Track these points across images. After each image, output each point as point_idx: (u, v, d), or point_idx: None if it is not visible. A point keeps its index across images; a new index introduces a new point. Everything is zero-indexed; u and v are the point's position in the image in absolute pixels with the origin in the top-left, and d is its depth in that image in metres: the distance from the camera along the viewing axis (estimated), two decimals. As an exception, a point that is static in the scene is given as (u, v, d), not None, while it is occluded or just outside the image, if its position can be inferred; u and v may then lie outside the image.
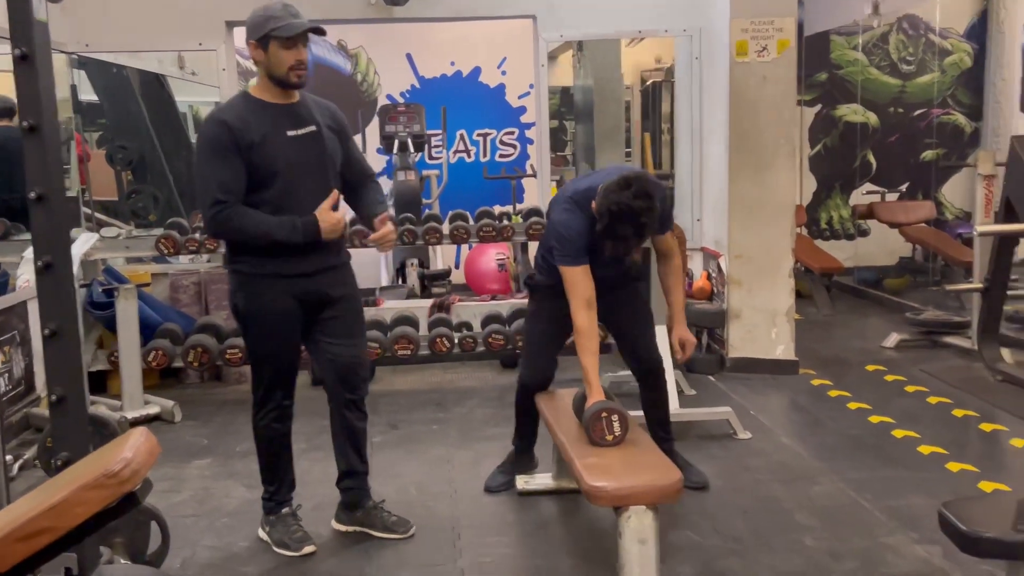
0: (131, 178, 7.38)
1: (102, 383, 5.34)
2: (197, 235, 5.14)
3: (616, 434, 3.02)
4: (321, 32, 3.11)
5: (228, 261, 3.24)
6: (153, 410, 4.90)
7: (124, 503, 1.84)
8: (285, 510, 3.39)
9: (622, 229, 3.10)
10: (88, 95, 7.42)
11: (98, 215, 6.60)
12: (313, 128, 3.13)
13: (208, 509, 3.72)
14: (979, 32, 8.47)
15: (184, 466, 4.22)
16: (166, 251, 5.17)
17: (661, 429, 3.77)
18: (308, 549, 3.28)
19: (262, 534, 3.40)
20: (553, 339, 3.65)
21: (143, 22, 5.59)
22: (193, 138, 8.68)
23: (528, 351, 3.77)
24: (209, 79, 6.50)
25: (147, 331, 5.17)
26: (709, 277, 5.71)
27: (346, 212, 3.22)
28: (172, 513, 3.48)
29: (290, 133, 3.09)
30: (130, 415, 4.74)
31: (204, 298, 5.69)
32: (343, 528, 3.45)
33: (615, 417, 3.03)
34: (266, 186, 3.06)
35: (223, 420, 4.90)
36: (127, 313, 4.91)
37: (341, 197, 3.22)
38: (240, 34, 6.09)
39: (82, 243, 5.11)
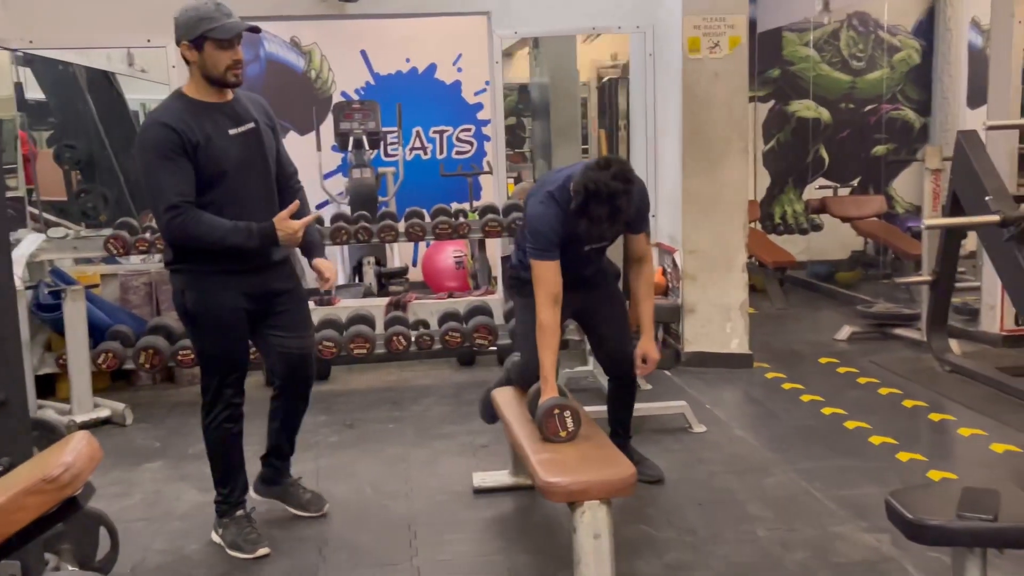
0: (80, 178, 7.24)
1: (51, 387, 5.23)
2: (147, 235, 5.06)
3: (569, 430, 3.02)
4: (256, 31, 3.14)
5: (172, 261, 3.19)
6: (103, 413, 4.82)
7: (65, 508, 1.81)
8: (239, 512, 3.35)
9: (596, 208, 3.06)
10: (36, 93, 7.27)
11: (46, 215, 6.47)
12: (252, 125, 3.15)
13: (159, 513, 3.67)
14: (926, 29, 8.62)
15: (135, 469, 4.15)
16: (115, 251, 5.09)
17: (620, 427, 3.81)
18: (262, 551, 3.25)
19: (215, 537, 3.36)
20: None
21: (90, 18, 5.48)
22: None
23: (524, 347, 3.59)
24: (159, 76, 6.39)
25: (97, 333, 5.08)
26: (664, 272, 5.75)
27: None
28: (122, 518, 3.42)
29: (231, 132, 3.09)
30: (79, 419, 4.66)
31: (155, 299, 5.61)
32: (260, 497, 3.53)
33: (567, 413, 3.03)
34: (213, 186, 3.05)
35: (175, 422, 4.84)
36: (75, 315, 4.82)
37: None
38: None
39: (28, 244, 5.00)
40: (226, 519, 3.34)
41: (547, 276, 3.25)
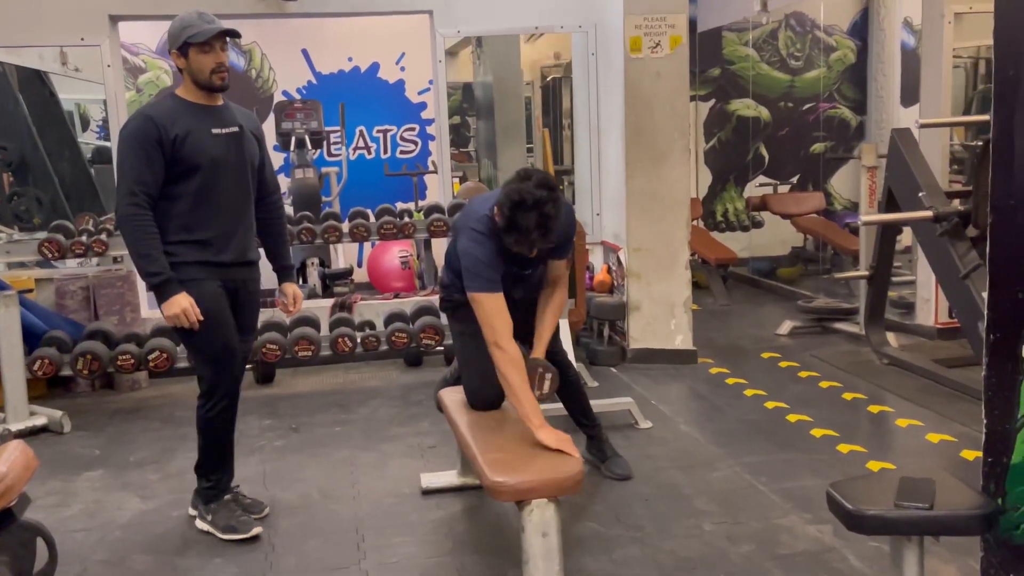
0: (12, 180, 7.04)
1: (-16, 395, 5.08)
2: (84, 238, 4.94)
3: (545, 390, 3.11)
4: (235, 35, 3.28)
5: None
6: (40, 421, 4.70)
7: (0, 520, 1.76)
8: (227, 497, 3.44)
9: (524, 218, 2.96)
10: (-37, 93, 7.06)
11: (-24, 219, 6.30)
12: (236, 129, 3.31)
13: (100, 523, 3.58)
14: (861, 29, 8.82)
15: (74, 479, 4.05)
16: (50, 255, 4.96)
17: (584, 418, 3.88)
18: (256, 530, 3.36)
19: (202, 524, 3.42)
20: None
21: (20, 16, 5.34)
22: (80, 137, 8.36)
23: (473, 372, 3.46)
24: (94, 75, 6.25)
25: (32, 339, 4.94)
26: (609, 270, 5.79)
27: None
28: (61, 528, 3.35)
29: (214, 131, 3.25)
30: (14, 427, 4.54)
31: (93, 303, 5.48)
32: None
33: (542, 370, 3.13)
34: (187, 178, 3.20)
35: (116, 430, 4.74)
36: (8, 321, 4.69)
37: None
38: (124, 28, 5.89)
39: (-42, 249, 4.86)
40: (213, 504, 3.40)
41: (496, 308, 3.10)
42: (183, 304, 3.18)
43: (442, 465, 3.94)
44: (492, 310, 3.10)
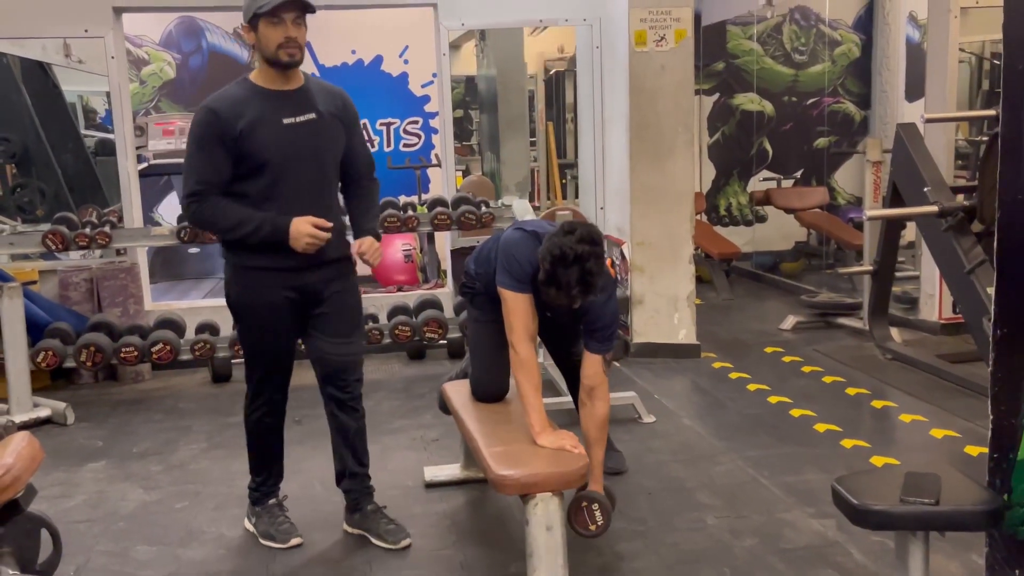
0: (16, 171, 7.04)
1: (-13, 386, 5.09)
2: (87, 230, 4.94)
3: (599, 524, 2.93)
4: (308, 8, 2.97)
5: (223, 250, 3.15)
6: (43, 412, 4.70)
7: (6, 511, 1.76)
8: (271, 501, 3.34)
9: (564, 275, 2.85)
10: (-35, 84, 7.06)
11: (-20, 211, 6.30)
12: (312, 115, 3.01)
13: (103, 514, 3.59)
14: (866, 23, 8.79)
15: (77, 469, 4.06)
16: (54, 247, 4.95)
17: None
18: (295, 541, 3.24)
19: (248, 525, 3.36)
20: (505, 346, 3.21)
21: (23, 7, 5.33)
22: (82, 129, 8.36)
23: (479, 362, 3.48)
24: (97, 67, 6.24)
25: (35, 331, 4.95)
26: (613, 264, 5.78)
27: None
28: (64, 519, 3.35)
29: (286, 120, 2.96)
30: (18, 419, 4.53)
31: (96, 295, 5.48)
32: (350, 530, 3.34)
33: (596, 506, 2.93)
34: (254, 176, 2.96)
35: (119, 421, 4.74)
36: (12, 312, 4.69)
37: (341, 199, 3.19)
38: (128, 20, 5.88)
39: (-38, 240, 4.86)
40: (259, 507, 3.33)
41: (520, 309, 3.07)
42: (303, 233, 2.92)
43: (446, 458, 3.94)
44: (515, 309, 3.08)
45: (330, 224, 3.01)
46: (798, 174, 8.90)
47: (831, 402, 4.67)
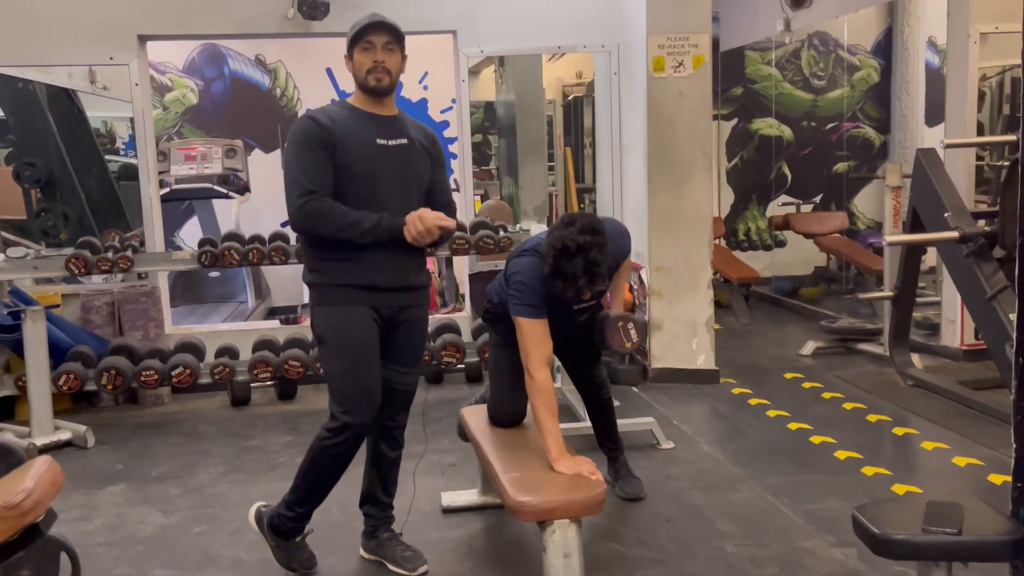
0: (40, 196, 7.13)
1: (10, 409, 5.15)
2: (109, 254, 4.99)
3: (633, 340, 2.97)
4: (389, 29, 2.98)
5: (307, 272, 3.08)
6: (64, 435, 4.73)
7: (26, 535, 1.77)
8: (298, 539, 3.19)
9: (568, 266, 2.91)
10: (-6, 110, 7.17)
11: (5, 234, 6.37)
12: (404, 141, 3.04)
13: (121, 537, 3.60)
14: (885, 48, 8.79)
15: (97, 493, 4.08)
16: (77, 271, 5.01)
17: (609, 440, 3.87)
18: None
19: (252, 521, 3.26)
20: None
21: (51, 35, 5.43)
22: (106, 155, 8.47)
23: (497, 386, 3.49)
24: (121, 94, 6.33)
25: (57, 354, 4.99)
26: (631, 289, 5.77)
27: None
28: (83, 542, 3.37)
29: (380, 141, 3.00)
30: (39, 442, 4.57)
31: (118, 319, 5.53)
32: (367, 556, 3.30)
33: (631, 324, 2.96)
34: (345, 188, 2.95)
35: (138, 444, 4.76)
36: (35, 336, 4.74)
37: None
38: (154, 48, 5.97)
39: (-14, 264, 4.91)
40: (283, 542, 3.17)
41: (538, 337, 3.06)
42: (414, 225, 2.88)
43: (463, 483, 3.93)
44: (530, 336, 3.07)
45: (453, 223, 2.99)
46: (817, 199, 8.89)
47: (852, 429, 4.63)
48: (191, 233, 7.37)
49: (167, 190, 7.06)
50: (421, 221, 2.91)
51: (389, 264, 2.98)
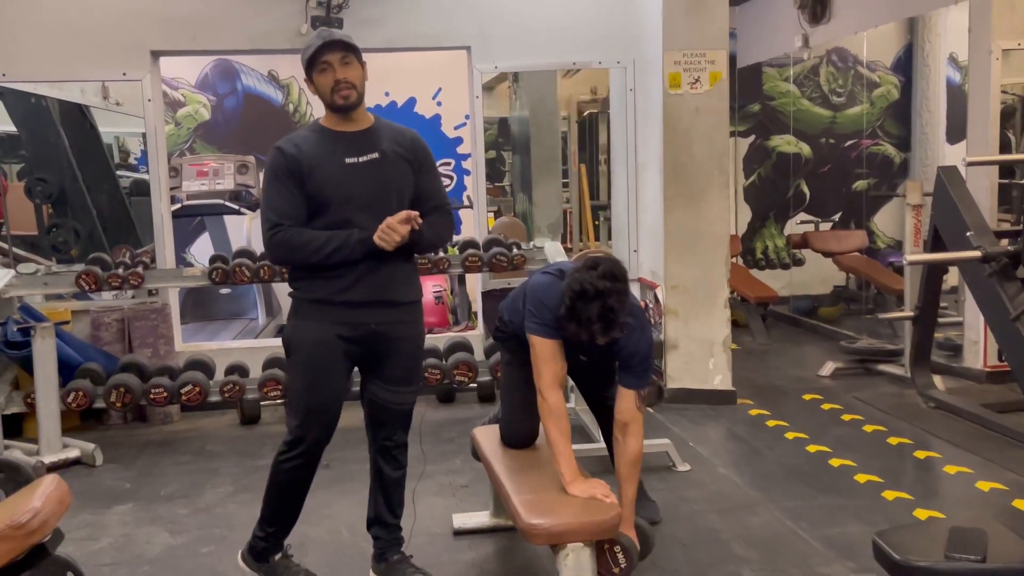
0: (51, 212, 7.19)
1: (18, 426, 5.17)
2: (120, 270, 5.02)
3: (621, 567, 2.88)
4: (347, 47, 2.97)
5: (288, 285, 3.14)
6: (72, 453, 4.75)
7: (33, 555, 1.77)
8: (277, 556, 3.20)
9: (585, 310, 2.88)
10: (6, 126, 7.24)
11: (16, 250, 6.42)
12: (375, 155, 3.03)
13: (129, 557, 3.60)
14: (905, 65, 8.77)
15: (104, 512, 4.08)
16: (87, 287, 5.04)
17: None
18: None
19: (243, 565, 3.22)
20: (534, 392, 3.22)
21: (64, 51, 5.49)
22: (124, 172, 8.55)
23: (509, 406, 3.49)
24: (134, 109, 6.39)
25: (67, 371, 5.02)
26: (646, 308, 5.76)
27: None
28: (90, 562, 3.37)
29: (348, 160, 3.00)
30: (47, 459, 4.59)
31: (127, 336, 5.55)
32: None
33: (618, 548, 2.89)
34: (320, 214, 2.98)
35: (146, 463, 4.77)
36: (44, 352, 4.76)
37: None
38: (166, 63, 6.03)
39: (-3, 280, 4.95)
40: (264, 564, 3.17)
41: (550, 357, 3.07)
42: (380, 231, 2.89)
43: (474, 505, 3.92)
44: (544, 355, 3.08)
45: (415, 213, 2.95)
46: (836, 217, 8.85)
47: (872, 452, 4.59)
48: (202, 250, 7.40)
49: (178, 206, 7.12)
50: (385, 223, 2.91)
51: (365, 279, 2.99)
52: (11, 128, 7.23)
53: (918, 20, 8.50)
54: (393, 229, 2.90)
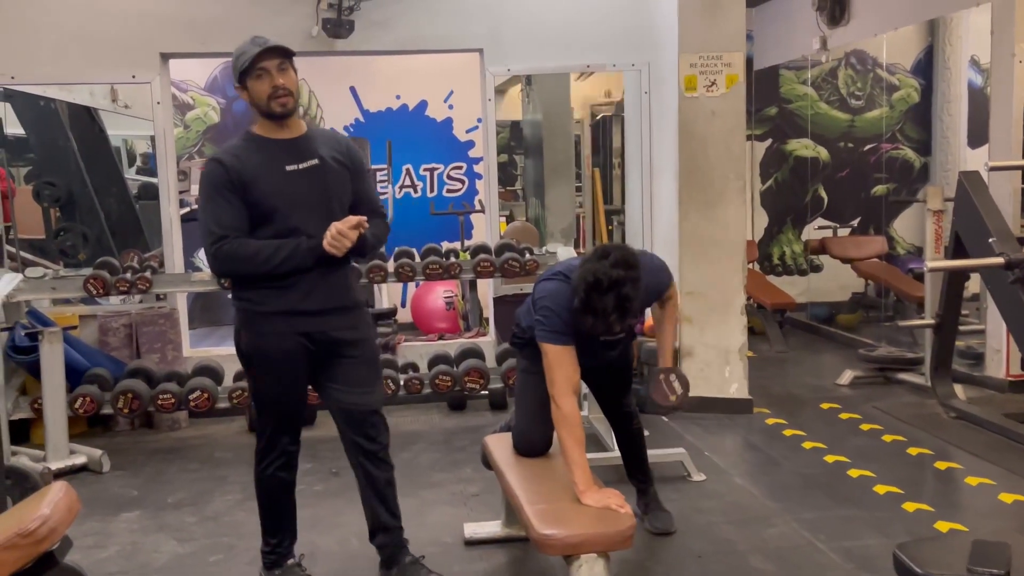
0: (59, 215, 7.24)
1: (25, 432, 5.20)
2: (128, 275, 5.05)
3: (678, 393, 2.98)
4: (285, 53, 3.03)
5: (233, 296, 3.17)
6: (79, 460, 4.77)
7: (41, 563, 1.78)
8: (289, 562, 3.29)
9: (599, 301, 2.90)
10: (15, 128, 7.30)
11: (24, 254, 6.46)
12: (315, 162, 3.07)
13: (136, 565, 3.61)
14: (925, 67, 8.74)
15: (111, 519, 4.10)
16: (95, 292, 5.07)
17: (639, 472, 3.85)
18: None
19: None
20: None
21: (73, 53, 5.53)
22: (126, 174, 8.60)
23: (522, 413, 3.50)
24: (143, 112, 6.43)
25: (74, 376, 5.04)
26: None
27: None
28: (97, 571, 3.39)
29: (289, 168, 3.03)
30: (54, 466, 4.61)
31: (135, 341, 5.58)
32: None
33: (673, 377, 2.98)
34: (265, 223, 3.01)
35: (154, 470, 4.79)
36: (52, 358, 4.79)
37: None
38: (176, 66, 6.07)
39: (5, 284, 4.98)
40: (277, 571, 3.26)
41: (563, 363, 3.08)
42: (329, 235, 2.93)
43: (486, 515, 3.92)
44: (556, 362, 3.09)
45: (363, 218, 3.01)
46: (855, 222, 8.82)
47: (891, 462, 4.57)
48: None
49: (187, 210, 7.14)
50: (334, 226, 2.95)
51: (315, 287, 3.04)
52: (19, 131, 7.28)
53: (939, 22, 8.48)
54: (344, 235, 2.95)
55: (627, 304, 2.92)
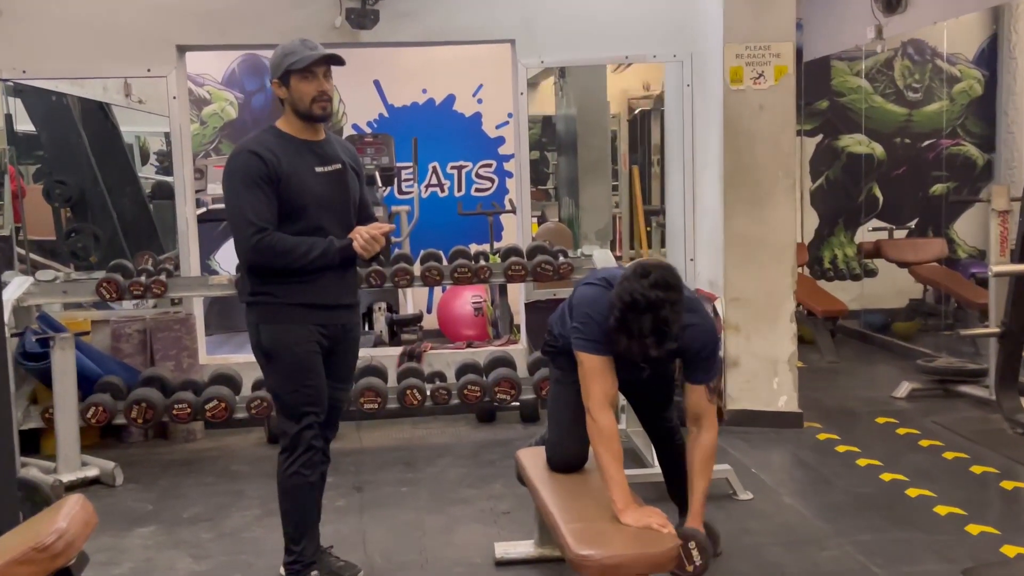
0: (70, 215, 7.33)
1: (35, 443, 5.26)
2: (142, 279, 5.10)
3: (696, 564, 2.94)
4: (339, 62, 3.32)
5: (248, 293, 3.36)
6: (91, 472, 4.83)
7: (56, 580, 1.81)
8: (314, 573, 3.37)
9: (636, 323, 2.90)
10: (25, 125, 7.40)
11: (34, 256, 6.53)
12: (339, 166, 3.40)
13: (151, 583, 3.66)
14: (989, 58, 8.65)
15: (125, 535, 4.15)
16: (108, 296, 5.13)
17: (680, 489, 3.78)
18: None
19: None
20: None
21: (86, 47, 5.60)
22: (140, 172, 8.69)
23: (556, 426, 3.52)
24: (158, 108, 6.51)
25: (86, 384, 5.10)
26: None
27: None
28: (110, 588, 3.42)
29: (318, 169, 3.33)
30: (65, 478, 4.67)
31: (149, 348, 5.64)
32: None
33: (693, 545, 2.94)
34: (292, 221, 3.27)
35: (169, 483, 4.84)
36: (63, 365, 4.85)
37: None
38: (192, 59, 6.13)
39: (14, 287, 5.05)
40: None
41: (599, 374, 3.10)
42: (361, 239, 3.26)
43: (518, 533, 3.92)
44: (593, 373, 3.11)
45: (392, 227, 3.48)
46: (912, 224, 8.75)
47: (953, 481, 4.52)
48: (228, 256, 7.50)
49: (203, 210, 7.22)
50: (367, 231, 3.28)
51: (336, 283, 3.36)
52: (29, 128, 7.38)
53: (1004, 9, 8.39)
54: (376, 240, 3.29)
55: (665, 328, 2.91)
